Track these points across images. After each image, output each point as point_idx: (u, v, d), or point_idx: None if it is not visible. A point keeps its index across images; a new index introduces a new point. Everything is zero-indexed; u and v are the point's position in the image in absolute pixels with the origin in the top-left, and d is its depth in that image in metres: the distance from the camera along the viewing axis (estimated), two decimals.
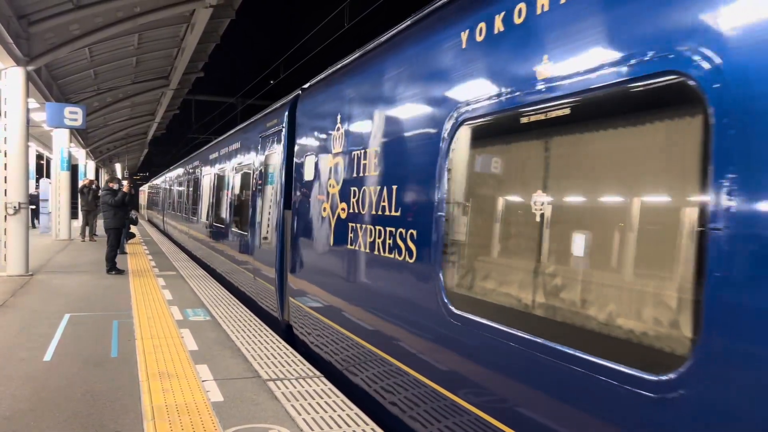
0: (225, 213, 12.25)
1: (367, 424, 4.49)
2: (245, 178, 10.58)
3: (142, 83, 22.16)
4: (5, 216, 12.09)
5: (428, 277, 4.12)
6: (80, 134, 25.14)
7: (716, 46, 2.32)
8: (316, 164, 6.57)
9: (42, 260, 14.53)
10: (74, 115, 15.63)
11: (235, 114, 33.74)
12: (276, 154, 8.33)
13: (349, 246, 5.49)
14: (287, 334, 7.60)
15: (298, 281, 7.08)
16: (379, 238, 4.86)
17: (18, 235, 12.13)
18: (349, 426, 4.46)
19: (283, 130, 7.98)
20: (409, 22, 4.98)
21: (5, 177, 12.13)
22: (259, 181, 9.24)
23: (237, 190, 11.25)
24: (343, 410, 4.78)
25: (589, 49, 2.91)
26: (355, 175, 5.48)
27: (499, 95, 3.49)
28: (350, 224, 5.49)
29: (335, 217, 5.88)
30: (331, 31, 15.20)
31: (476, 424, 3.58)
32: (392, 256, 4.63)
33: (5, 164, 12.14)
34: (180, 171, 22.70)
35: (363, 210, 5.22)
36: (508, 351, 3.29)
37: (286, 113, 7.90)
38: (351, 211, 5.50)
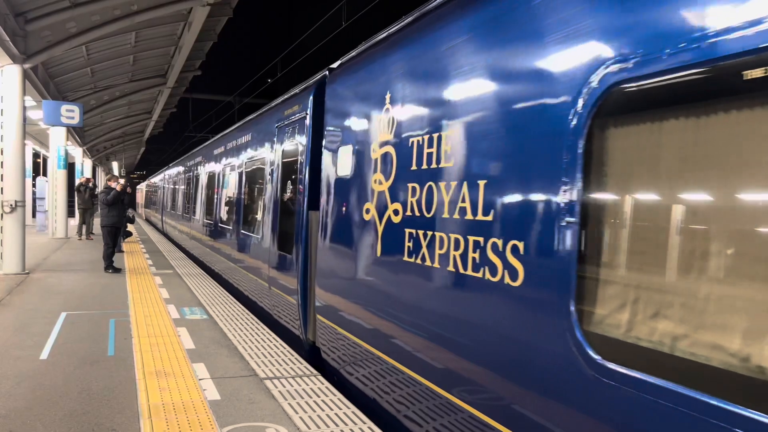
0: (234, 214, 10.93)
1: (365, 423, 4.49)
2: (258, 174, 9.26)
3: (139, 81, 22.14)
4: (1, 214, 12.06)
5: (549, 308, 2.90)
6: (77, 132, 25.11)
7: None
8: (355, 156, 5.36)
9: (38, 259, 14.49)
10: (71, 113, 15.60)
11: (233, 112, 33.69)
12: (297, 145, 7.12)
13: (406, 258, 4.31)
14: (312, 355, 6.51)
15: (329, 297, 5.85)
16: (456, 249, 3.66)
17: (14, 234, 12.09)
18: (346, 424, 4.45)
19: (307, 117, 6.79)
20: None
21: (1, 175, 12.10)
22: (276, 178, 8.00)
23: (249, 188, 9.95)
24: (340, 408, 4.78)
25: None
26: (414, 167, 4.26)
27: (697, 38, 2.22)
28: (407, 230, 4.30)
29: (383, 221, 4.69)
30: (328, 30, 15.18)
31: None
32: (479, 274, 3.44)
33: (1, 162, 12.11)
34: (181, 168, 20.95)
35: (428, 212, 4.04)
36: None
37: (311, 98, 6.74)
38: (408, 213, 4.31)
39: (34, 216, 25.96)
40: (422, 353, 4.08)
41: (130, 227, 20.03)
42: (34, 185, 26.13)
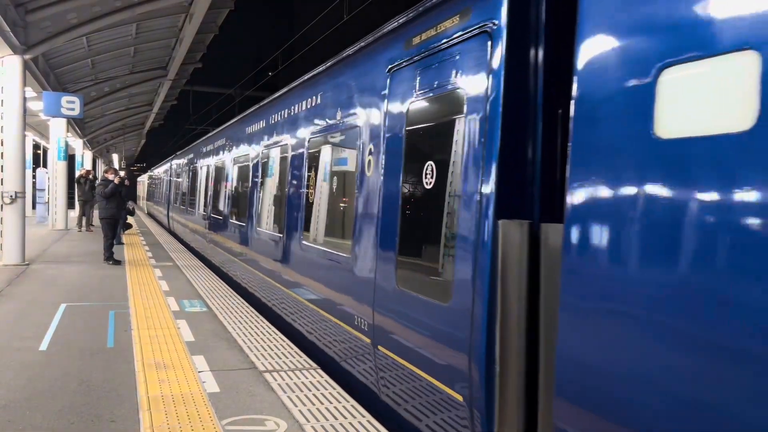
0: (288, 215, 7.37)
1: (363, 416, 4.50)
2: (336, 155, 6.31)
3: (140, 73, 22.10)
4: (1, 205, 12.06)
5: None
6: (77, 124, 25.07)
7: None
8: None
9: (38, 250, 14.49)
10: (71, 104, 15.58)
11: (233, 105, 33.63)
12: (456, 95, 3.89)
13: None
14: None
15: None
16: None
17: (14, 225, 12.10)
18: (345, 418, 4.46)
19: (497, 37, 3.51)
20: None
21: (1, 166, 12.11)
22: (385, 159, 4.79)
23: (314, 178, 6.72)
24: (339, 402, 4.78)
25: None
26: None
27: None
28: None
29: None
30: (330, 22, 15.14)
31: None
32: None
33: (1, 153, 12.12)
34: (198, 155, 16.74)
35: None
36: None
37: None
38: None
39: (34, 207, 26.02)
40: None
41: (130, 219, 20.03)
42: (34, 176, 26.16)
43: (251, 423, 4.36)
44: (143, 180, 51.14)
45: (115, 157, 51.99)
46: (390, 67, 4.86)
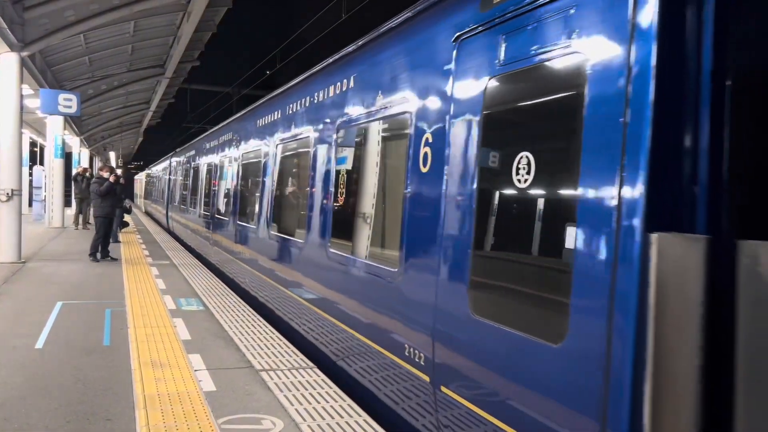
0: (325, 221, 5.99)
1: (360, 416, 4.50)
2: (381, 147, 5.14)
3: (137, 71, 22.08)
4: None
5: None
6: (74, 122, 25.04)
7: None
8: None
9: (35, 248, 14.46)
10: (68, 102, 15.57)
11: (231, 103, 33.57)
12: (569, 62, 2.91)
13: None
14: None
15: None
16: None
17: (10, 222, 12.08)
18: (341, 417, 4.46)
19: None
20: None
21: None
22: (447, 150, 3.86)
23: (348, 176, 5.73)
24: (336, 401, 4.78)
25: None
26: None
27: None
28: None
29: None
30: (328, 21, 15.13)
31: None
32: None
33: None
34: (198, 153, 16.03)
35: None
36: None
37: None
38: None
39: (30, 205, 25.97)
40: None
41: (126, 218, 20.01)
42: (30, 174, 26.13)
43: (248, 422, 4.35)
44: (140, 178, 50.92)
45: (112, 155, 51.93)
46: (458, 35, 3.87)
